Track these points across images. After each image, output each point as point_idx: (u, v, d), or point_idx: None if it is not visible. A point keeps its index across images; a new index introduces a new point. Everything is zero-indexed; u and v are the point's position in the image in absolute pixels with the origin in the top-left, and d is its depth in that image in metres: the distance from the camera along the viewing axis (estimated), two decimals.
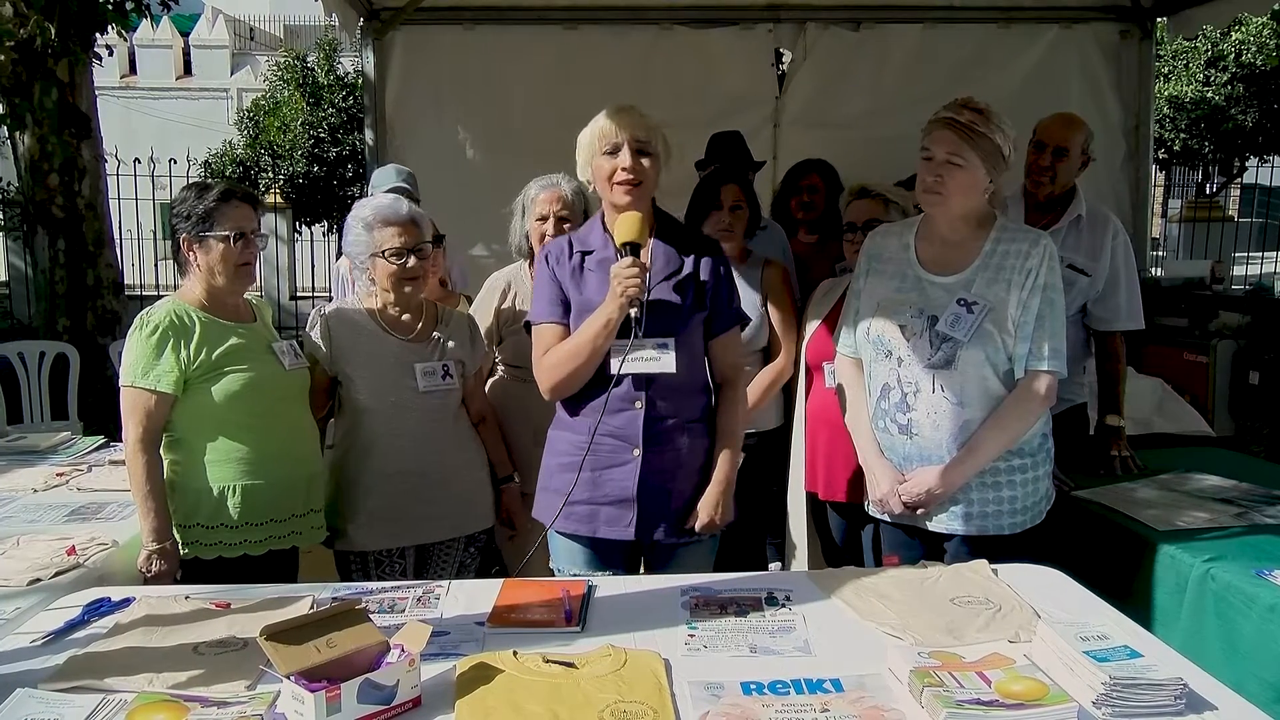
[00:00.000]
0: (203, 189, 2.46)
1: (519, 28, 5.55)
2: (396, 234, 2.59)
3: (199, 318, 2.42)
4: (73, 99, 6.95)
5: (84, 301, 7.04)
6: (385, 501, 2.60)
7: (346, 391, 2.64)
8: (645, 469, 2.29)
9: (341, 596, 2.01)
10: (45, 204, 6.95)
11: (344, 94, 15.01)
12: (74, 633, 1.87)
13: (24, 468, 3.22)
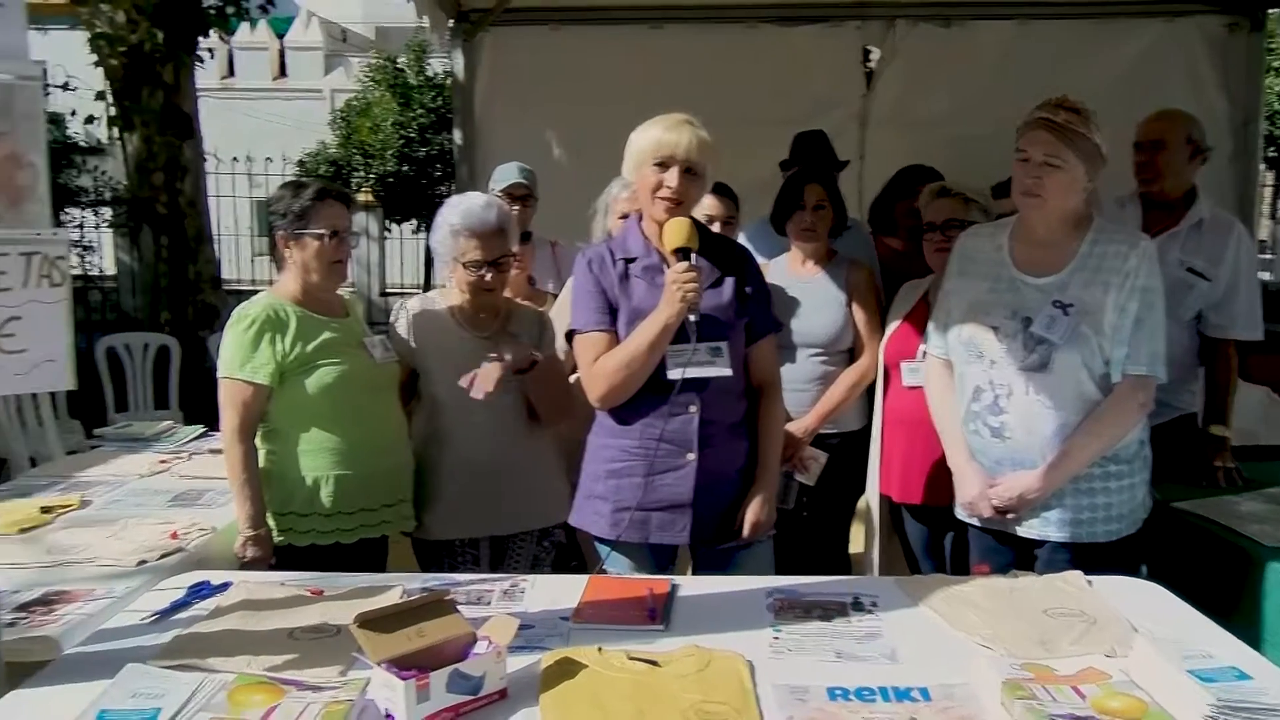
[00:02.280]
0: (299, 187, 2.52)
1: (604, 28, 5.57)
2: (478, 246, 2.62)
3: (294, 312, 2.48)
4: (177, 101, 7.20)
5: (185, 295, 7.30)
6: (460, 493, 2.64)
7: (424, 384, 2.70)
8: (699, 473, 2.29)
9: (430, 587, 2.04)
10: (150, 201, 7.23)
11: (433, 95, 15.28)
12: (178, 613, 1.93)
13: (130, 454, 3.35)
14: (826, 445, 3.05)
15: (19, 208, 1.54)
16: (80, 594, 2.08)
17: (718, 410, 2.31)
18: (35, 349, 1.57)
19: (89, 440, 4.92)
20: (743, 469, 2.38)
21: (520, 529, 2.70)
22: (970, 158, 3.68)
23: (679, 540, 2.32)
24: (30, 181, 1.56)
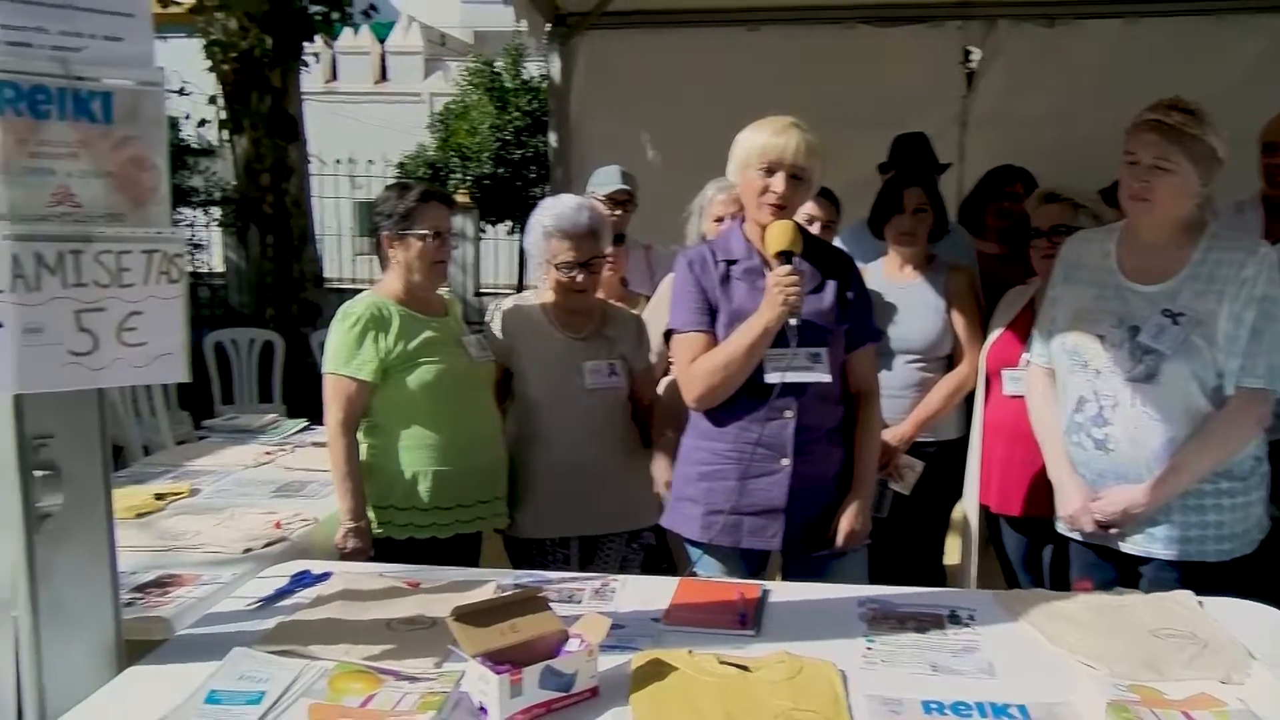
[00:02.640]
0: (404, 189, 2.59)
1: (701, 30, 5.56)
2: (570, 248, 2.65)
3: (397, 311, 2.54)
4: (283, 104, 7.46)
5: (289, 292, 7.54)
6: (551, 492, 2.67)
7: (518, 384, 2.74)
8: (794, 479, 2.27)
9: (523, 584, 2.06)
10: (257, 202, 7.49)
11: (528, 98, 15.47)
12: (281, 600, 1.99)
13: (237, 446, 3.47)
14: (923, 454, 3.00)
15: (142, 208, 1.60)
16: (191, 578, 2.17)
17: (815, 416, 2.29)
18: (154, 342, 1.64)
19: (197, 431, 5.12)
20: (838, 476, 2.35)
21: (610, 530, 2.72)
22: (1075, 160, 3.57)
23: (771, 546, 2.31)
24: (153, 183, 1.62)
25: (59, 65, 1.50)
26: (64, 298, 1.53)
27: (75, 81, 1.52)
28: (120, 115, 1.57)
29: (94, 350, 1.57)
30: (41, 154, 1.49)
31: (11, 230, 1.47)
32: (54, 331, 1.53)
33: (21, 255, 1.48)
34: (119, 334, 1.59)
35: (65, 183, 1.52)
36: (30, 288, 1.50)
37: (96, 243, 1.55)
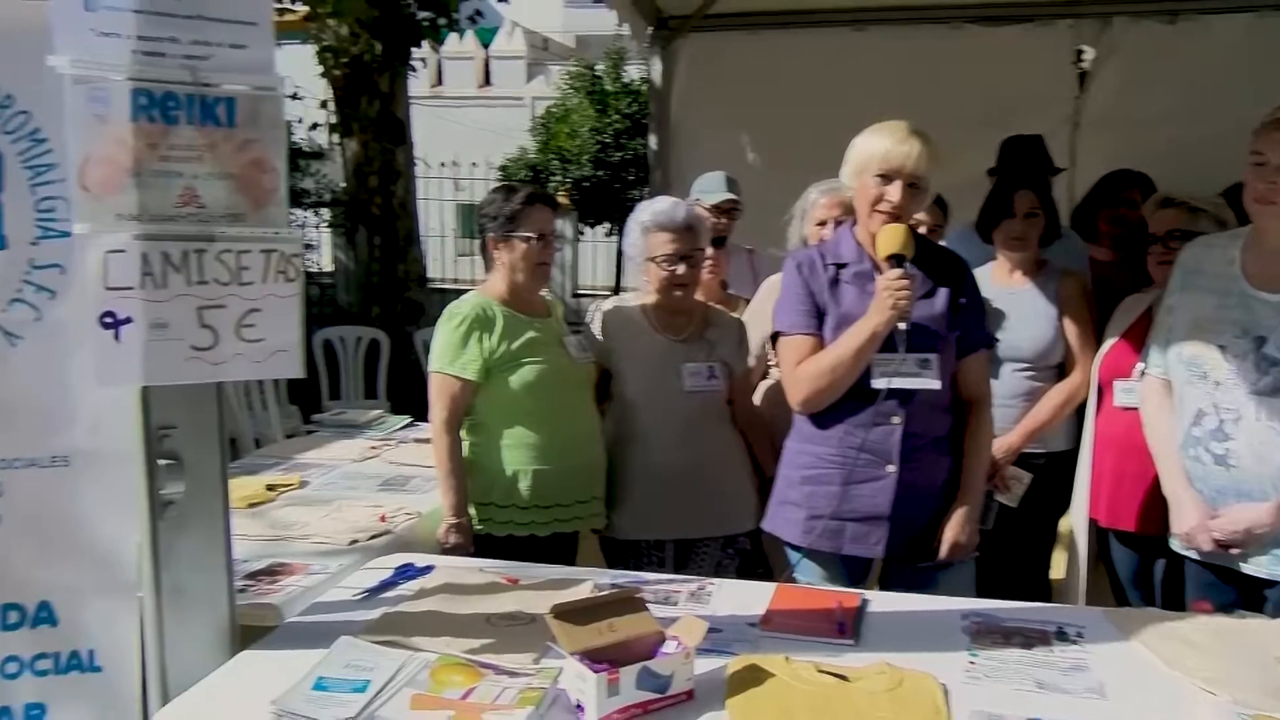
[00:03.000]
0: (510, 192, 2.63)
1: (804, 31, 5.51)
2: (669, 240, 2.66)
3: (501, 311, 2.58)
4: (391, 108, 7.66)
5: (394, 292, 7.74)
6: (648, 494, 2.68)
7: (617, 385, 2.75)
8: (899, 486, 2.23)
9: (620, 584, 2.07)
10: (365, 203, 7.71)
11: (629, 101, 15.54)
12: (385, 592, 2.05)
13: (344, 440, 3.57)
14: (1030, 465, 2.90)
15: (262, 209, 1.66)
16: (299, 567, 2.24)
17: (923, 423, 2.25)
18: (270, 339, 1.70)
19: (306, 425, 5.28)
20: (945, 486, 2.30)
21: (706, 534, 2.71)
22: (1194, 162, 3.43)
23: (873, 554, 2.27)
24: (272, 185, 1.68)
25: (188, 73, 1.57)
26: (187, 295, 1.60)
27: (202, 88, 1.59)
28: (243, 119, 1.63)
29: (214, 345, 1.64)
30: (170, 157, 1.56)
31: (142, 230, 1.54)
32: (178, 327, 1.60)
33: (150, 254, 1.56)
34: (238, 330, 1.65)
35: (191, 184, 1.58)
36: (157, 285, 1.57)
37: (218, 242, 1.62)
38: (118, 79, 1.50)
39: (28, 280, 1.85)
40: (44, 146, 1.82)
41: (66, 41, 1.47)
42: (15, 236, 1.84)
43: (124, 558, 1.85)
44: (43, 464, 1.86)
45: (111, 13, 1.48)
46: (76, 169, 1.49)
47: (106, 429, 1.87)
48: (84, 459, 1.87)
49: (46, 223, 1.84)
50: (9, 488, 1.85)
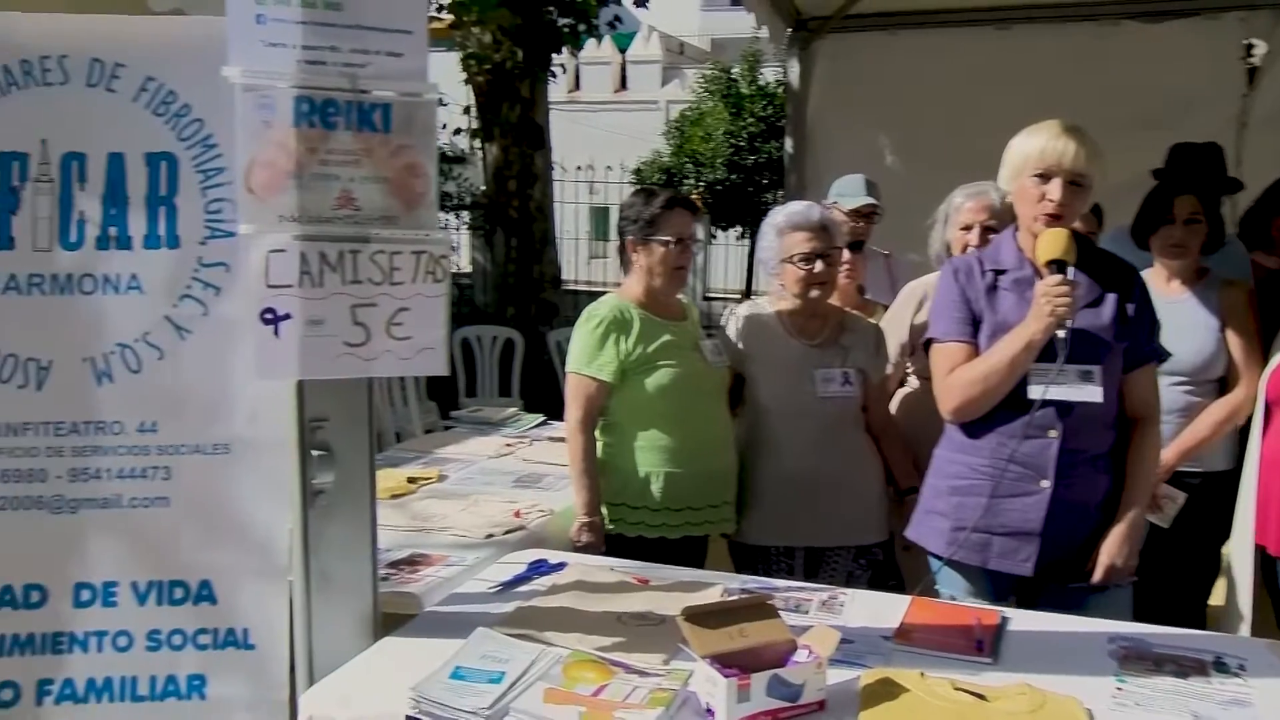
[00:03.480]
0: (650, 195, 2.65)
1: (946, 31, 5.38)
2: (805, 239, 2.63)
3: (638, 314, 2.61)
4: (531, 114, 7.83)
5: (529, 293, 7.91)
6: (779, 500, 2.65)
7: (750, 390, 2.73)
8: (1053, 503, 2.13)
9: (750, 589, 2.07)
10: (504, 206, 7.90)
11: (764, 104, 15.47)
12: (519, 586, 2.09)
13: (480, 436, 3.67)
14: (1185, 485, 2.75)
15: (413, 211, 1.73)
16: (438, 558, 2.31)
17: (1082, 438, 2.15)
18: (418, 337, 1.76)
19: (444, 421, 5.45)
20: (1103, 504, 2.20)
21: (838, 543, 2.67)
22: None
23: (1021, 570, 2.19)
24: (423, 188, 1.74)
25: (347, 80, 1.64)
26: (342, 293, 1.67)
27: (360, 95, 1.66)
28: (397, 125, 1.69)
29: (366, 342, 1.70)
30: (329, 161, 1.64)
31: (301, 231, 1.62)
32: (332, 324, 1.67)
33: (309, 254, 1.63)
34: (388, 328, 1.72)
35: (348, 187, 1.65)
36: (314, 284, 1.65)
37: (372, 243, 1.68)
38: (282, 87, 1.58)
39: (196, 277, 1.96)
40: (214, 152, 1.94)
41: (239, 52, 1.56)
42: (186, 236, 1.96)
43: (277, 543, 1.95)
44: (206, 451, 1.97)
45: (279, 25, 1.57)
46: (243, 172, 1.58)
47: (263, 419, 1.97)
48: (243, 447, 1.97)
49: (214, 223, 1.95)
50: (176, 472, 1.97)
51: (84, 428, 1.96)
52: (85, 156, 1.96)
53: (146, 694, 1.96)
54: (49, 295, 1.96)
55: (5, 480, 1.96)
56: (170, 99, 1.96)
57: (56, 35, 1.97)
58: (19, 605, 1.94)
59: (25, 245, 1.96)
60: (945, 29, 5.37)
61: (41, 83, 1.95)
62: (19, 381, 1.96)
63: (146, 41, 2.01)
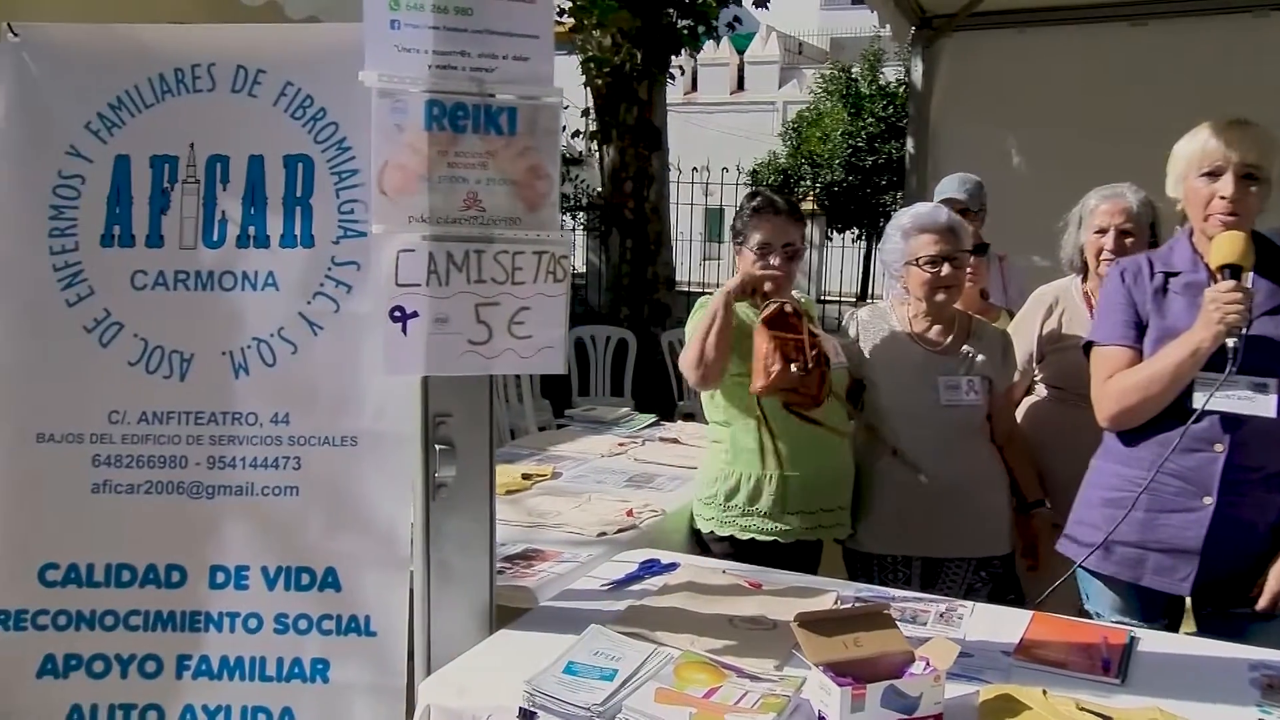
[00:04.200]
0: (748, 200, 2.65)
1: (1077, 28, 5.19)
2: (932, 241, 2.58)
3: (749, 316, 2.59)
4: (648, 115, 7.87)
5: (642, 294, 7.96)
6: (895, 508, 2.60)
7: (869, 394, 2.68)
8: (1216, 521, 2.01)
9: (865, 598, 2.04)
10: (619, 207, 7.97)
11: (884, 103, 15.23)
12: (631, 585, 2.11)
13: (593, 435, 3.71)
14: None
15: (536, 212, 1.76)
16: (552, 554, 2.34)
17: (1253, 454, 2.01)
18: (538, 336, 1.79)
19: (557, 419, 5.53)
20: (1275, 526, 2.05)
21: (957, 554, 2.60)
22: None
23: (1178, 590, 2.08)
24: (546, 190, 1.77)
25: (475, 84, 1.68)
26: (467, 293, 1.72)
27: (487, 98, 1.70)
28: (522, 127, 1.73)
29: (488, 340, 1.75)
30: (457, 164, 1.68)
31: (430, 232, 1.67)
32: (457, 322, 1.72)
33: (436, 254, 1.68)
34: (510, 327, 1.75)
35: (474, 189, 1.70)
36: (441, 283, 1.69)
37: (496, 243, 1.72)
38: (414, 91, 1.63)
39: (329, 275, 2.05)
40: (348, 154, 2.02)
41: (374, 58, 1.61)
42: (320, 235, 2.05)
43: (399, 534, 2.01)
44: (335, 443, 2.05)
45: (413, 30, 1.62)
46: (376, 174, 1.64)
47: (389, 414, 2.04)
48: (369, 440, 2.05)
49: (347, 223, 2.03)
50: (306, 463, 2.06)
51: (222, 418, 2.07)
52: (228, 159, 2.07)
53: (274, 675, 2.05)
54: (193, 291, 2.08)
55: (150, 466, 2.08)
56: (307, 103, 2.05)
57: (205, 45, 2.08)
58: (161, 584, 2.06)
59: (173, 243, 2.08)
60: (1077, 25, 5.19)
61: (192, 90, 2.06)
62: (164, 372, 2.07)
63: (285, 48, 2.10)
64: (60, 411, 2.07)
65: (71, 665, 2.03)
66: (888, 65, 15.88)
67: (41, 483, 2.07)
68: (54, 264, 2.07)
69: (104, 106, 2.07)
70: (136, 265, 2.07)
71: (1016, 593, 2.78)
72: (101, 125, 2.07)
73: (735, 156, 13.53)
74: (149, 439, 2.07)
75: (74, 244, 2.07)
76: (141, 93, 2.07)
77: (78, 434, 2.06)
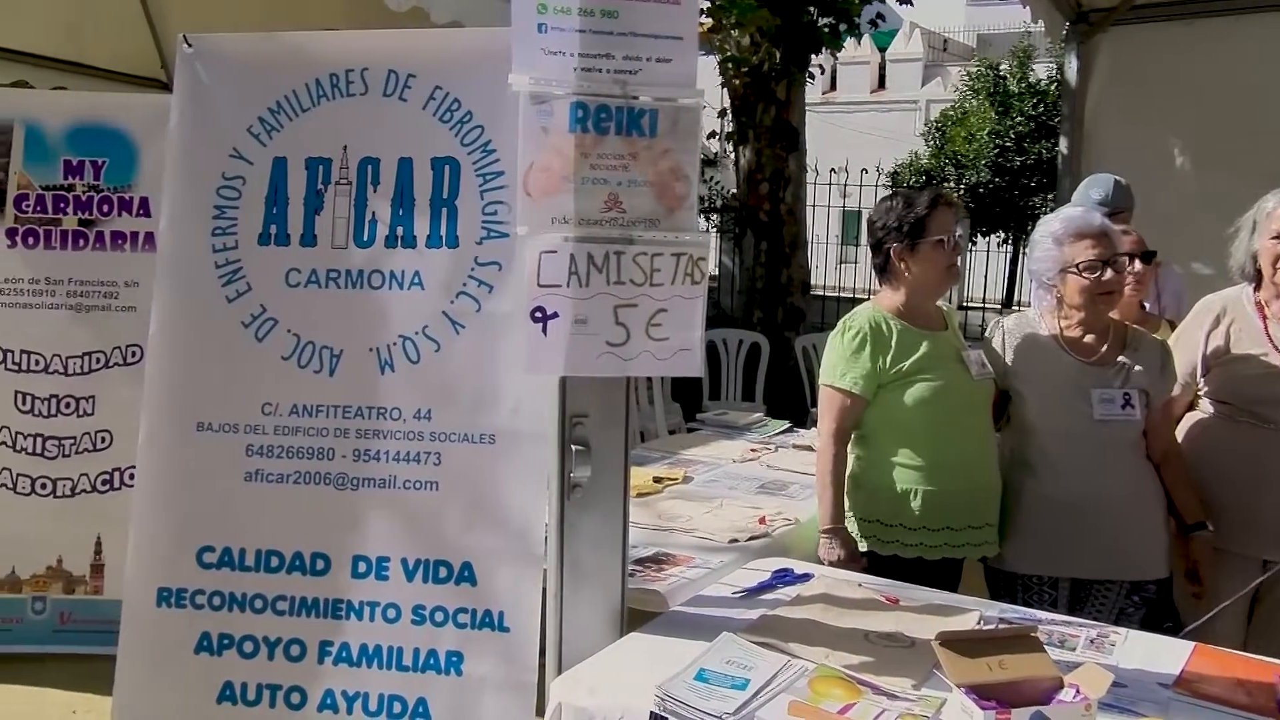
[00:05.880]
0: (909, 200, 2.57)
1: (1253, 18, 4.89)
2: (1089, 246, 2.47)
3: (895, 325, 2.53)
4: (786, 116, 7.80)
5: (776, 298, 7.88)
6: (1042, 526, 2.49)
7: (1016, 407, 2.59)
8: None
9: (1009, 619, 1.96)
10: (755, 210, 7.91)
11: (1034, 101, 14.71)
12: (763, 594, 2.09)
13: (725, 440, 3.70)
14: None
15: (675, 214, 1.77)
16: (683, 559, 2.35)
17: None
18: (675, 338, 1.80)
19: (687, 423, 5.54)
20: None
21: (1109, 576, 2.48)
22: None
23: None
24: (685, 191, 1.78)
25: (619, 86, 1.70)
26: (606, 294, 1.74)
27: (630, 100, 1.71)
28: (663, 129, 1.74)
29: (626, 342, 1.76)
30: (599, 165, 1.71)
31: (572, 233, 1.69)
32: (596, 323, 1.74)
33: (577, 255, 1.71)
34: (647, 329, 1.77)
35: (615, 191, 1.72)
36: (581, 284, 1.72)
37: (636, 245, 1.74)
38: (560, 94, 1.66)
39: (472, 275, 2.11)
40: (493, 157, 2.08)
41: (522, 60, 1.65)
42: (465, 236, 2.11)
43: (535, 532, 2.05)
44: (474, 440, 2.11)
45: (559, 33, 1.65)
46: (521, 176, 1.67)
47: (525, 412, 2.09)
48: (506, 438, 2.10)
49: (490, 224, 2.09)
50: (446, 458, 2.12)
51: (367, 412, 2.16)
52: (379, 161, 2.16)
53: (410, 665, 2.13)
54: (343, 289, 2.18)
55: (299, 456, 2.19)
56: (455, 106, 2.12)
57: (359, 50, 2.18)
58: (307, 571, 2.16)
59: (325, 243, 2.19)
60: (1253, 15, 4.89)
61: (346, 94, 2.16)
62: (315, 367, 2.18)
63: (435, 53, 2.18)
64: (218, 402, 2.20)
65: (224, 644, 2.15)
66: (1038, 61, 15.34)
67: (200, 469, 2.20)
68: (215, 261, 2.20)
69: (264, 111, 2.19)
70: (291, 263, 2.18)
71: (1173, 621, 2.64)
72: (262, 129, 2.19)
73: (875, 157, 13.28)
74: (299, 431, 2.17)
75: (234, 242, 2.20)
76: (299, 97, 2.18)
77: (233, 424, 2.18)
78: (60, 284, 3.27)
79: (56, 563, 3.29)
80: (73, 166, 3.29)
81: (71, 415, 3.27)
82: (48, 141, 3.29)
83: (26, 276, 3.26)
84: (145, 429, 2.23)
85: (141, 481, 2.23)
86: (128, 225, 3.29)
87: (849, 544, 2.48)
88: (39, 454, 3.26)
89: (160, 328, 2.23)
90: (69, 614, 3.29)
